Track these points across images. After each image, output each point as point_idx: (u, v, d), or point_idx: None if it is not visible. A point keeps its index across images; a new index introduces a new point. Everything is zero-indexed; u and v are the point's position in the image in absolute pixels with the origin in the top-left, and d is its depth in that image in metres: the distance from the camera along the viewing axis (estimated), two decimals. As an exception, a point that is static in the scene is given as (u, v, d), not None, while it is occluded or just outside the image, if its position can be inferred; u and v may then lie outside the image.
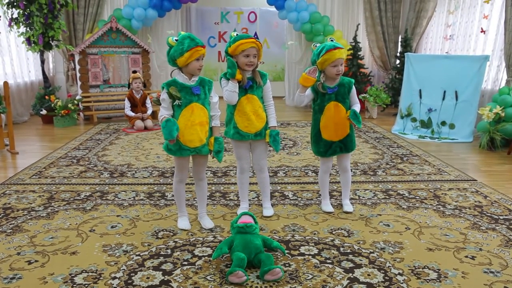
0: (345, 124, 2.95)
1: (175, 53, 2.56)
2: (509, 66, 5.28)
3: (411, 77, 6.08)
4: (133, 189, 3.62)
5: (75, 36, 7.65)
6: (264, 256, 2.28)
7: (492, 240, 2.70)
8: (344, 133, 2.97)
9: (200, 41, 2.61)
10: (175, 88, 2.58)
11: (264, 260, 2.25)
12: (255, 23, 9.67)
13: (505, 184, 3.84)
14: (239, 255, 2.26)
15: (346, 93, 2.93)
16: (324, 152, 3.02)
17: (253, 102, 2.85)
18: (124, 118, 6.87)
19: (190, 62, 2.56)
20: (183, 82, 2.61)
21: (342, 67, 2.85)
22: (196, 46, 2.55)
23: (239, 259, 2.23)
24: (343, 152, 3.03)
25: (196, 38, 2.61)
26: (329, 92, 2.91)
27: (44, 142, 5.48)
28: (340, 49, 2.81)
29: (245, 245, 2.32)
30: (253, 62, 2.78)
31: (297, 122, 6.78)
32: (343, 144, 2.99)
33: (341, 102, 2.92)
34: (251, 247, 2.32)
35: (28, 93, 7.16)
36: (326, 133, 2.96)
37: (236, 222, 2.45)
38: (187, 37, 2.56)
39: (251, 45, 2.74)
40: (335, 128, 2.94)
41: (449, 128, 5.74)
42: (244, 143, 2.95)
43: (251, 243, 2.33)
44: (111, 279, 2.22)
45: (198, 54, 2.57)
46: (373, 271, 2.32)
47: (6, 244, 2.60)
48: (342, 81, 2.93)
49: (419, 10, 7.63)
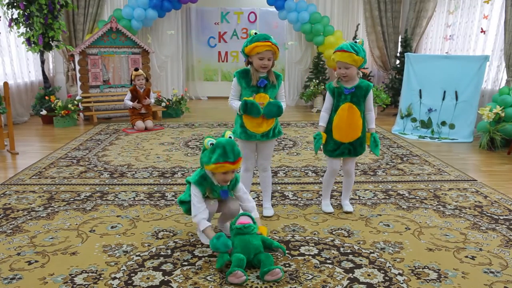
0: (358, 126, 2.93)
1: (204, 157, 2.44)
2: (509, 66, 5.28)
3: (411, 77, 6.08)
4: (133, 189, 3.62)
5: (75, 37, 7.65)
6: (263, 257, 2.28)
7: (492, 240, 2.70)
8: (355, 136, 2.94)
9: (233, 155, 2.38)
10: (210, 189, 2.50)
11: (263, 260, 2.25)
12: (255, 23, 9.67)
13: (505, 184, 3.84)
14: (238, 255, 2.25)
15: (362, 96, 2.90)
16: (331, 151, 2.99)
17: (265, 102, 2.82)
18: (124, 118, 6.88)
19: (216, 174, 2.45)
20: (214, 181, 2.50)
21: (344, 70, 2.82)
22: (225, 162, 2.35)
23: (238, 259, 2.23)
24: (351, 155, 3.01)
25: (231, 151, 2.37)
26: (345, 93, 2.88)
27: (44, 143, 5.48)
28: (341, 52, 2.77)
29: (244, 246, 2.32)
30: (267, 65, 2.76)
31: (297, 123, 6.78)
32: (352, 147, 2.96)
33: (356, 104, 2.89)
34: (250, 248, 2.31)
35: (28, 93, 7.15)
36: (337, 133, 2.94)
37: (234, 224, 2.43)
38: (222, 147, 2.37)
39: (267, 48, 2.71)
40: (346, 130, 2.92)
41: (449, 128, 5.74)
42: (251, 144, 2.94)
43: (250, 244, 2.32)
44: (111, 280, 2.22)
45: (224, 169, 2.39)
46: (373, 271, 2.32)
47: (6, 244, 2.60)
48: (361, 84, 2.90)
49: (419, 10, 7.63)
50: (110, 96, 6.97)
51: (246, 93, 2.84)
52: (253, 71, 2.80)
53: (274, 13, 8.59)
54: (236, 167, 2.43)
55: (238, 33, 9.70)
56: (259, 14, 9.64)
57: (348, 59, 2.77)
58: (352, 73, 2.84)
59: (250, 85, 2.82)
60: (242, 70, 2.87)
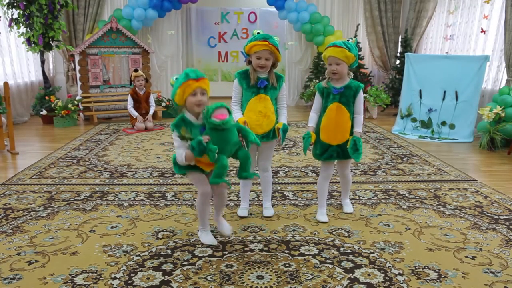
0: (346, 128, 2.82)
1: (172, 94, 2.37)
2: (509, 66, 5.28)
3: (411, 77, 6.08)
4: (133, 189, 3.62)
5: (75, 37, 7.65)
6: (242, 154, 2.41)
7: (492, 240, 2.70)
8: (343, 138, 2.82)
9: (196, 74, 2.32)
10: (185, 129, 2.35)
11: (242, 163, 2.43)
12: (255, 23, 9.67)
13: (505, 184, 3.84)
14: (222, 161, 2.25)
15: (351, 96, 2.80)
16: (319, 154, 2.90)
17: (265, 103, 2.81)
18: (124, 118, 6.88)
19: (186, 99, 2.33)
20: (191, 120, 2.39)
21: (334, 66, 2.73)
22: (187, 80, 2.29)
23: (222, 166, 2.25)
24: (340, 158, 2.90)
25: (194, 71, 2.33)
26: (334, 93, 2.80)
27: (44, 143, 5.48)
28: (333, 47, 2.71)
29: (225, 144, 2.27)
30: (264, 64, 2.75)
31: (297, 122, 6.78)
32: (340, 150, 2.83)
33: (344, 104, 2.79)
34: (231, 145, 2.32)
35: (28, 93, 7.16)
36: (325, 134, 2.85)
37: (210, 117, 2.28)
38: (184, 73, 2.32)
39: (263, 47, 2.70)
40: (334, 131, 2.82)
41: (449, 128, 5.74)
42: (252, 144, 2.93)
43: (230, 141, 2.30)
44: (111, 280, 2.22)
45: (191, 89, 2.29)
46: (373, 271, 2.31)
47: (6, 244, 2.60)
48: (350, 84, 2.81)
49: (419, 10, 7.63)
50: (110, 96, 6.97)
51: (246, 94, 2.84)
52: (252, 71, 2.81)
53: (274, 13, 8.59)
54: (201, 85, 2.31)
55: (238, 33, 9.70)
56: (259, 14, 9.65)
57: (340, 54, 2.69)
58: (342, 70, 2.74)
59: (250, 85, 2.82)
60: (243, 70, 2.87)
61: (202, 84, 2.32)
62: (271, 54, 2.74)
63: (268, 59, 2.75)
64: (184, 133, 2.34)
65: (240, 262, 2.40)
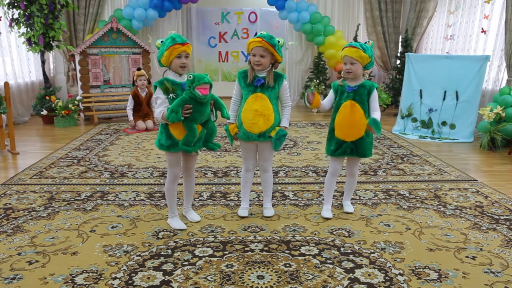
0: (360, 125, 2.87)
1: (159, 55, 2.61)
2: (510, 66, 5.27)
3: (412, 77, 6.08)
4: (134, 189, 3.62)
5: (76, 37, 7.65)
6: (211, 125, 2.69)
7: (493, 240, 2.70)
8: (357, 135, 2.89)
9: (182, 39, 2.59)
10: (168, 84, 2.61)
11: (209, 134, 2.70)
12: (256, 23, 9.67)
13: (505, 184, 3.84)
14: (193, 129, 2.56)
15: (365, 94, 2.86)
16: (334, 150, 2.96)
17: (262, 102, 2.81)
18: (124, 118, 6.87)
19: (172, 60, 2.58)
20: (174, 79, 2.62)
21: (349, 65, 2.83)
22: (174, 44, 2.54)
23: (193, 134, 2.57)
24: (353, 155, 2.96)
25: (179, 36, 2.60)
26: (348, 91, 2.88)
27: (45, 143, 5.48)
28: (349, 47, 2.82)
29: (198, 114, 2.57)
30: (259, 61, 2.75)
31: (297, 122, 6.78)
32: (354, 146, 2.91)
33: (358, 102, 2.86)
34: (204, 116, 2.61)
35: (29, 93, 7.16)
36: (339, 131, 2.92)
37: (194, 88, 2.49)
38: (170, 37, 2.58)
39: (257, 44, 2.72)
40: (348, 128, 2.89)
41: (449, 128, 5.74)
42: (250, 144, 2.94)
43: (204, 113, 2.60)
44: (111, 279, 2.22)
45: (177, 52, 2.55)
46: (374, 271, 2.31)
47: (6, 244, 2.60)
48: (365, 83, 2.88)
49: (420, 10, 7.63)
50: (111, 96, 6.97)
51: (244, 93, 2.86)
52: (250, 69, 2.83)
53: (274, 13, 8.59)
54: (186, 49, 2.58)
55: (239, 33, 9.70)
56: (259, 14, 9.64)
57: (355, 54, 2.78)
58: (356, 70, 2.82)
59: (247, 84, 2.83)
60: (244, 70, 2.90)
61: (186, 48, 2.59)
62: (266, 51, 2.74)
63: (263, 56, 2.75)
64: (168, 85, 2.60)
65: (240, 262, 2.40)
